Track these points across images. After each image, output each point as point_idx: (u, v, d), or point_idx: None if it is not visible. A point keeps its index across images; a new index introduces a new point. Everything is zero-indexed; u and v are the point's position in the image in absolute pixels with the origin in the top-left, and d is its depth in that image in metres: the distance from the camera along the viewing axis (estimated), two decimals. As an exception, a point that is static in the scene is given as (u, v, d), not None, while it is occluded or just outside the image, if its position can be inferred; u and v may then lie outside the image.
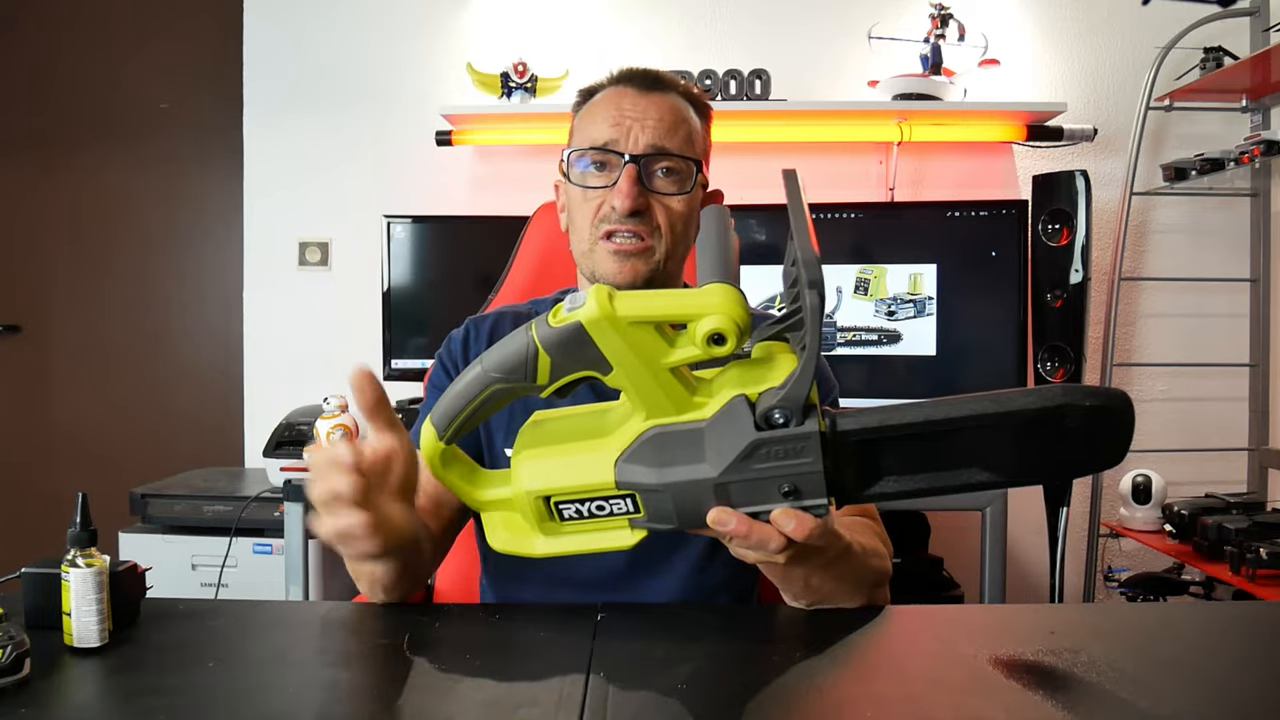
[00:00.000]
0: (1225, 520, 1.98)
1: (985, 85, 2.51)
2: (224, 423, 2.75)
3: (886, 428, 0.67)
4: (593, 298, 0.64)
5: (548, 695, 0.68)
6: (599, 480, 0.68)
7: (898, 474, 0.69)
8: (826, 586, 0.84)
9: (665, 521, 0.69)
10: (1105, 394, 0.66)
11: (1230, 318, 2.55)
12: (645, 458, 0.67)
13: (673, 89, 1.07)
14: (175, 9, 2.83)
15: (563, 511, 0.70)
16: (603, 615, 0.84)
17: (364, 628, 0.85)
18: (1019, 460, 0.67)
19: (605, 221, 1.02)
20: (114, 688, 0.71)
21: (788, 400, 0.65)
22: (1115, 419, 0.66)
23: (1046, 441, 0.66)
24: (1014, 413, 0.65)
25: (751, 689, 0.70)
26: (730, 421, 0.66)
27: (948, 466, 0.68)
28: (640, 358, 0.65)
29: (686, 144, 1.04)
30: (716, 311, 0.64)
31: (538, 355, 0.66)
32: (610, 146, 1.02)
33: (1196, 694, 0.69)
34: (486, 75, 2.45)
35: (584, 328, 0.64)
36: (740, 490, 0.67)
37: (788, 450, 0.66)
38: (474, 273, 2.35)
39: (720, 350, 0.64)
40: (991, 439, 0.67)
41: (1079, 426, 0.65)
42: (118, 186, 2.86)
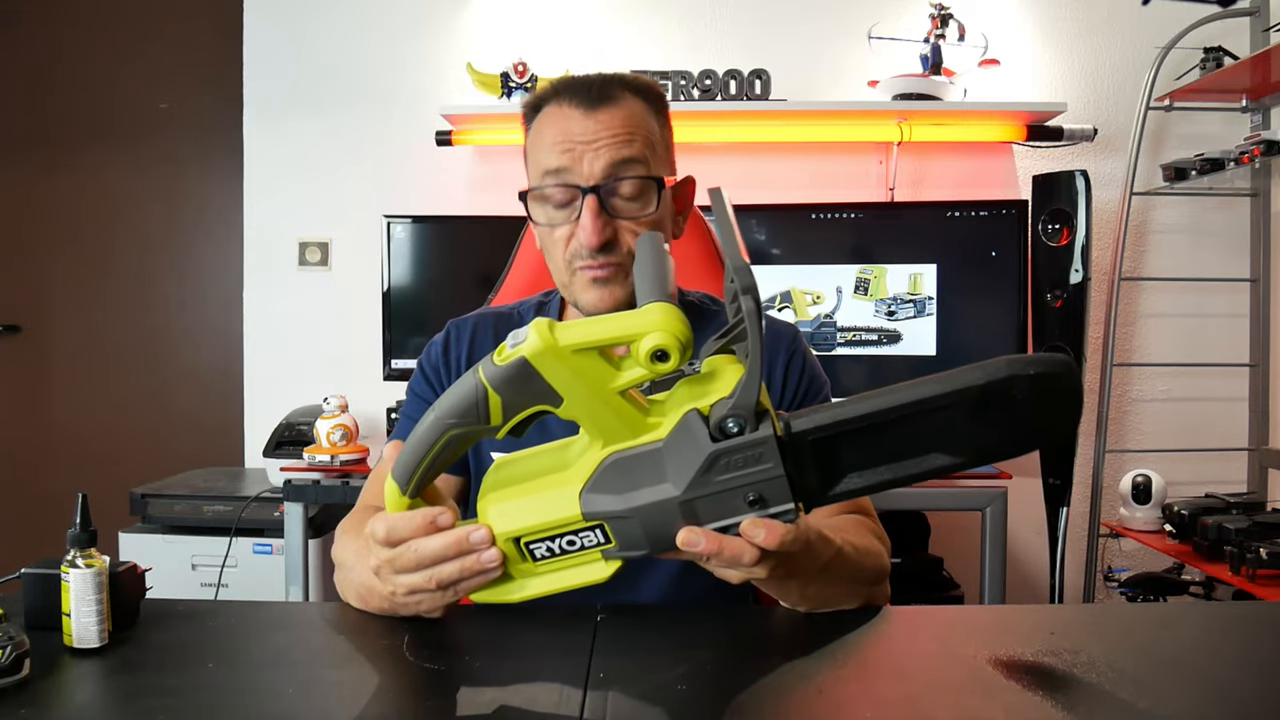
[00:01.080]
0: (1225, 520, 1.98)
1: (985, 85, 2.51)
2: (224, 423, 2.75)
3: (840, 422, 0.67)
4: (533, 331, 0.65)
5: (548, 695, 0.68)
6: (566, 515, 0.68)
7: (860, 469, 0.69)
8: (824, 592, 0.83)
9: (637, 548, 0.69)
10: (1048, 360, 0.66)
11: (1230, 318, 2.55)
12: (608, 485, 0.67)
13: (622, 93, 1.00)
14: (175, 9, 2.83)
15: (534, 551, 0.69)
16: (602, 616, 0.84)
17: (364, 628, 0.85)
18: (976, 439, 0.67)
19: (577, 257, 0.99)
20: (114, 688, 0.71)
21: (739, 407, 0.65)
22: (1062, 383, 0.66)
23: (998, 415, 0.66)
24: (962, 390, 0.66)
25: (751, 689, 0.70)
26: (686, 437, 0.66)
27: (908, 455, 0.68)
28: (588, 385, 0.65)
29: (647, 155, 0.99)
30: (656, 329, 0.64)
31: (487, 396, 0.66)
32: (565, 179, 0.98)
33: (1196, 694, 0.69)
34: (486, 75, 2.45)
35: (528, 362, 0.64)
36: (706, 506, 0.67)
37: (746, 458, 0.65)
38: (474, 273, 2.35)
39: (664, 367, 0.64)
40: (946, 421, 0.67)
41: (1027, 396, 0.65)
42: (118, 187, 2.86)
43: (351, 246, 2.65)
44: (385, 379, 2.40)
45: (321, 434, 2.04)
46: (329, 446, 2.03)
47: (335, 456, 2.01)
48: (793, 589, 0.82)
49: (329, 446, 2.03)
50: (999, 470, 1.95)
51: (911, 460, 0.68)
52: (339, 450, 2.02)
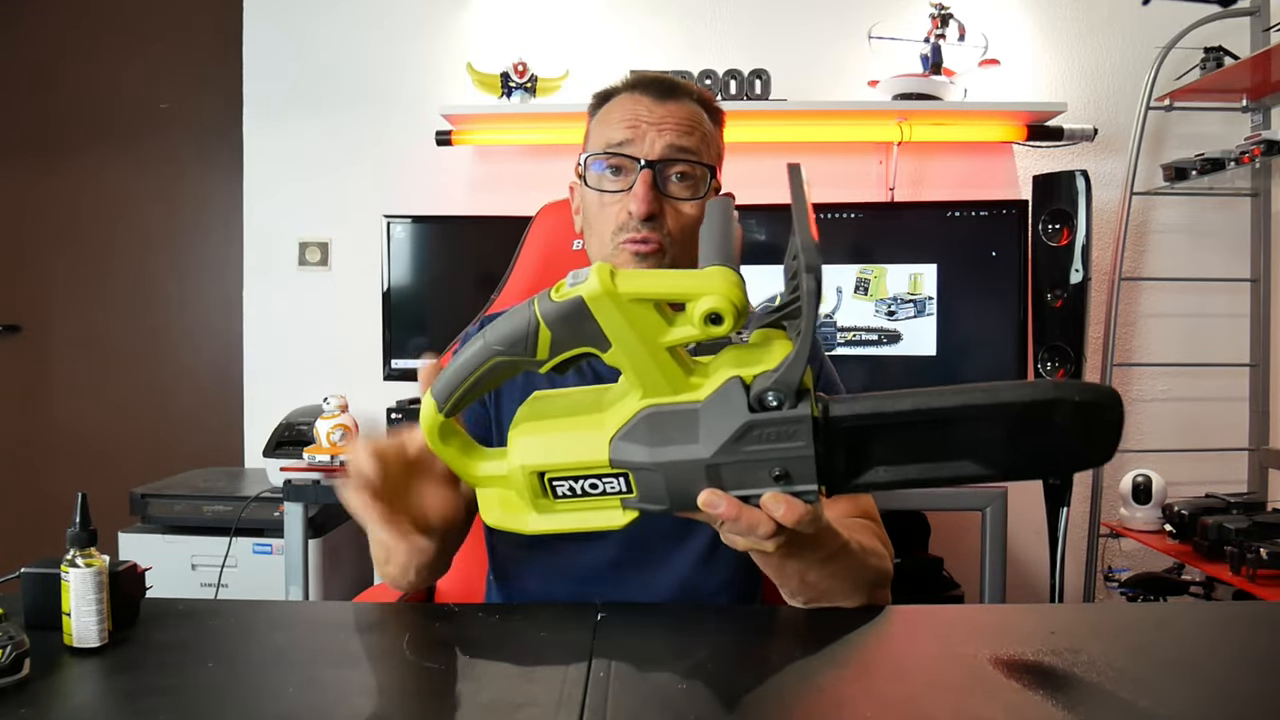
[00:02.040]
0: (1225, 520, 1.98)
1: (985, 85, 2.51)
2: (224, 423, 2.75)
3: (879, 415, 0.67)
4: (594, 273, 0.65)
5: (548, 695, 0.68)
6: (593, 458, 0.68)
7: (888, 463, 0.69)
8: (824, 583, 0.84)
9: (657, 502, 0.69)
10: (1096, 390, 0.67)
11: (1230, 318, 2.55)
12: (640, 436, 0.68)
13: (688, 96, 1.08)
14: (175, 9, 2.83)
15: (556, 488, 0.70)
16: (602, 615, 0.84)
17: (364, 628, 0.85)
18: (1009, 454, 0.68)
19: (624, 230, 1.03)
20: (114, 688, 0.71)
21: (781, 383, 0.65)
22: (1105, 415, 0.67)
23: (1036, 435, 0.67)
24: (1006, 404, 0.66)
25: (751, 689, 0.70)
26: (725, 402, 0.66)
27: (938, 458, 0.68)
28: (639, 335, 0.66)
29: (701, 149, 1.05)
30: (714, 291, 0.65)
31: (539, 329, 0.66)
32: (626, 150, 1.03)
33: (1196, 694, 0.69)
34: (486, 75, 2.45)
35: (585, 302, 0.65)
36: (732, 472, 0.67)
37: (780, 433, 0.66)
38: (474, 273, 2.36)
39: (717, 330, 0.65)
40: (982, 430, 0.67)
41: (1069, 422, 0.66)
42: (118, 187, 2.86)
43: (351, 246, 2.65)
44: (385, 379, 2.40)
45: (321, 434, 2.03)
46: (329, 446, 2.02)
47: (335, 456, 2.01)
48: (793, 574, 0.82)
49: (329, 446, 2.02)
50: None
51: (940, 463, 0.68)
52: (339, 450, 2.02)
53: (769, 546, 0.72)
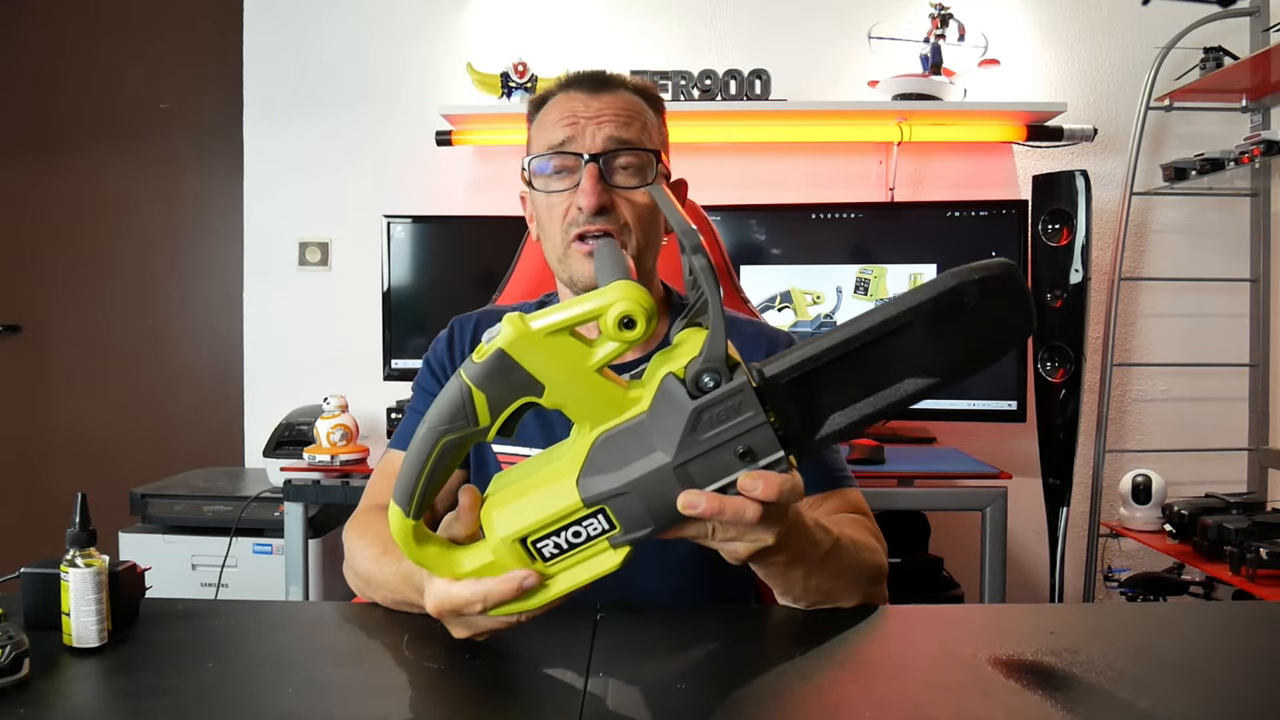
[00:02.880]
0: (1225, 520, 1.98)
1: (985, 85, 2.51)
2: (224, 423, 2.76)
3: (808, 359, 0.68)
4: (506, 322, 0.66)
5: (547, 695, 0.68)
6: (567, 504, 0.68)
7: (840, 407, 0.70)
8: (825, 584, 0.84)
9: (641, 527, 0.68)
10: (989, 264, 0.68)
11: (1230, 318, 2.55)
12: (601, 465, 0.68)
13: (622, 86, 1.07)
14: (175, 10, 2.83)
15: (542, 550, 0.69)
16: (602, 615, 0.84)
17: (364, 628, 0.85)
18: (941, 355, 0.69)
19: (574, 225, 1.02)
20: (113, 688, 0.71)
21: (709, 360, 0.66)
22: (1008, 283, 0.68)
23: (957, 327, 0.68)
24: (916, 306, 0.67)
25: (751, 689, 0.70)
26: (667, 401, 0.67)
27: (882, 385, 0.69)
28: (566, 367, 0.66)
29: (642, 136, 1.05)
30: (620, 299, 0.66)
31: (472, 395, 0.67)
32: (568, 148, 1.03)
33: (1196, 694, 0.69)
34: (486, 75, 2.45)
35: (505, 353, 0.66)
36: (699, 467, 0.67)
37: (727, 409, 0.66)
38: (474, 273, 2.36)
39: (632, 334, 0.66)
40: (908, 342, 0.68)
41: (978, 301, 0.67)
42: (118, 187, 2.86)
43: (351, 246, 2.65)
44: (385, 379, 2.40)
45: (321, 434, 2.04)
46: (329, 446, 2.03)
47: (335, 456, 2.01)
48: (796, 580, 0.82)
49: (329, 446, 2.03)
50: (999, 470, 1.95)
51: (886, 390, 0.69)
52: (339, 450, 2.02)
53: (768, 538, 0.71)
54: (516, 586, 0.69)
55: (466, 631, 0.73)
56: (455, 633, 0.74)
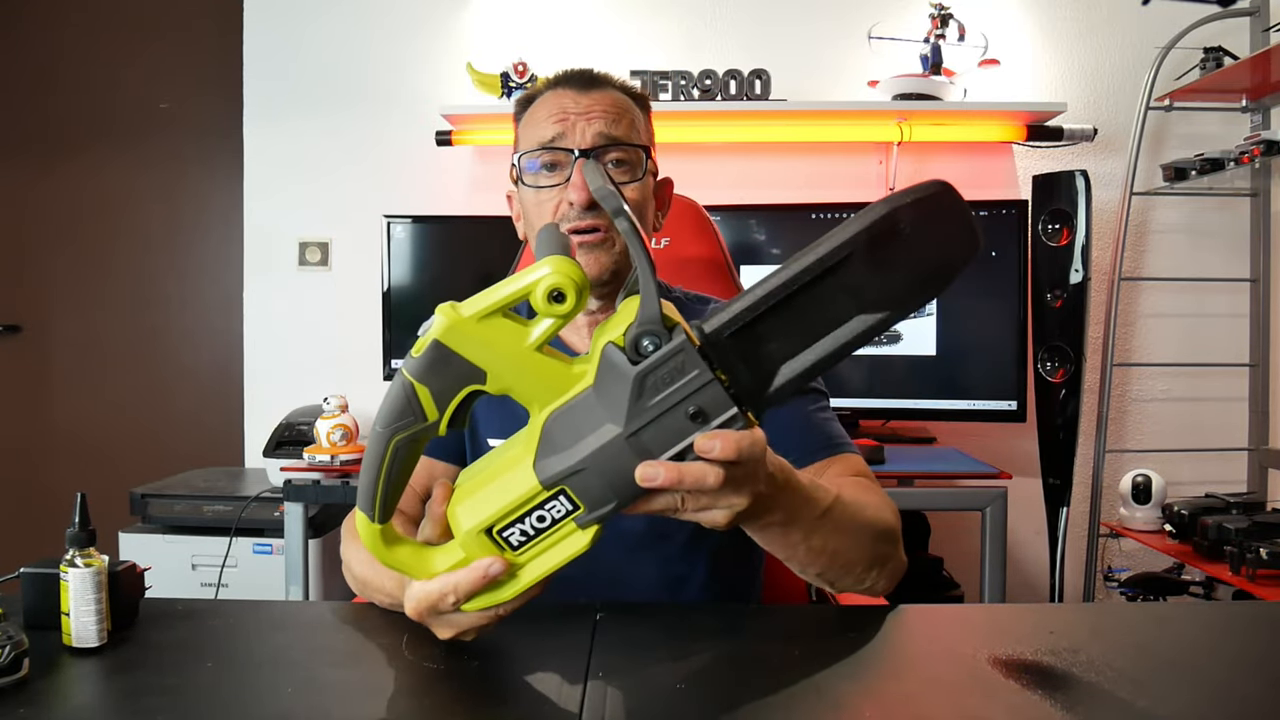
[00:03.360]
0: (1225, 520, 1.98)
1: (985, 85, 2.51)
2: (224, 423, 2.75)
3: (747, 309, 0.66)
4: (438, 313, 0.66)
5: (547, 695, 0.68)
6: (525, 489, 0.67)
7: (789, 355, 0.68)
8: (830, 543, 0.81)
9: (604, 503, 0.67)
10: (923, 186, 0.66)
11: (1230, 318, 2.55)
12: (555, 444, 0.67)
13: (610, 85, 1.08)
14: (175, 9, 2.83)
15: (509, 539, 0.68)
16: (601, 615, 0.84)
17: (364, 628, 0.85)
18: (886, 286, 0.66)
19: (564, 220, 1.02)
20: (113, 688, 0.71)
21: (644, 323, 0.65)
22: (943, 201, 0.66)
23: (898, 255, 0.66)
24: (851, 238, 0.65)
25: (751, 689, 0.70)
26: (610, 371, 0.66)
27: (829, 326, 0.67)
28: (504, 350, 0.66)
29: (632, 132, 1.05)
30: (551, 272, 0.65)
31: (414, 390, 0.66)
32: (558, 143, 1.03)
33: (1196, 694, 0.69)
34: (486, 75, 2.45)
35: (441, 343, 0.65)
36: (653, 435, 0.66)
37: (671, 371, 0.65)
38: (474, 273, 2.36)
39: (562, 307, 0.65)
40: (850, 278, 0.66)
41: (915, 225, 0.65)
42: (118, 186, 2.86)
43: (351, 246, 2.65)
44: (385, 379, 2.40)
45: (321, 434, 2.04)
46: (329, 446, 2.03)
47: (335, 456, 2.01)
48: (797, 541, 0.79)
49: (329, 446, 2.03)
50: (999, 470, 1.95)
51: (836, 331, 0.67)
52: (339, 450, 2.02)
53: (740, 502, 0.69)
54: (483, 574, 0.68)
55: (450, 631, 0.73)
56: (440, 633, 0.74)
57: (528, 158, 1.05)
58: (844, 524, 0.82)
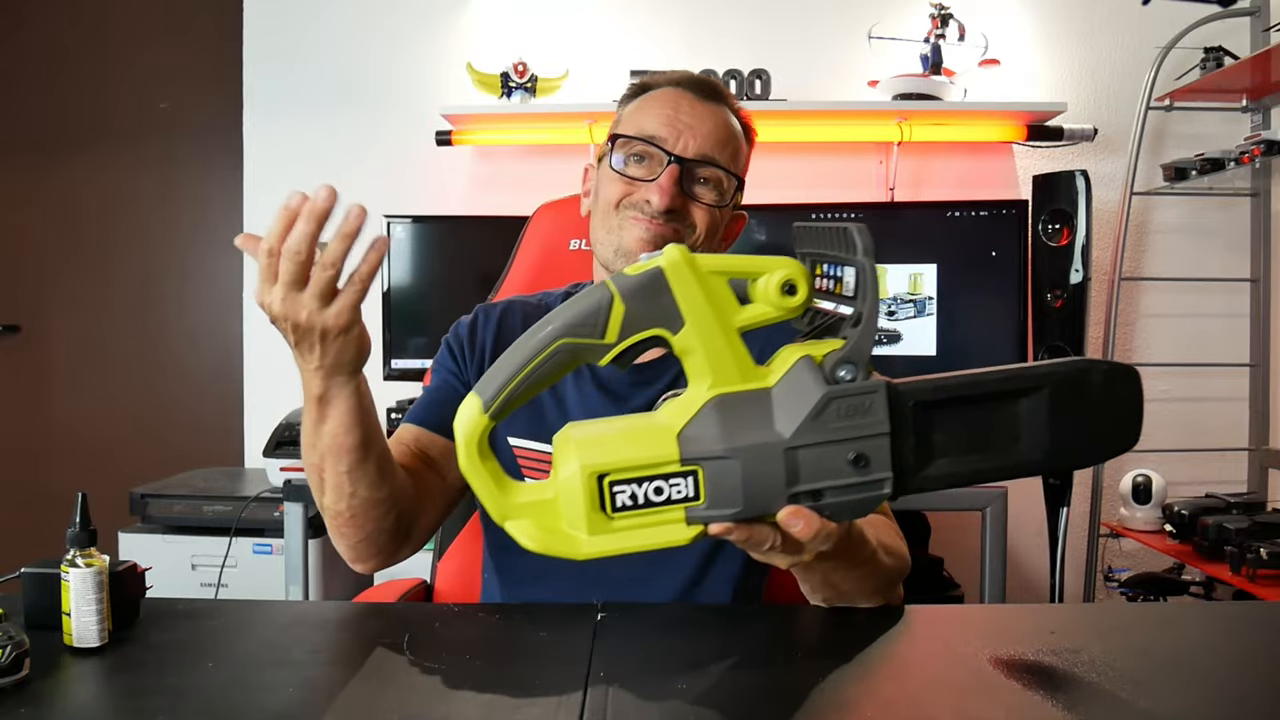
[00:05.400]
0: (1225, 520, 1.98)
1: (985, 85, 2.51)
2: (224, 423, 2.75)
3: (938, 388, 0.68)
4: (672, 247, 0.65)
5: (548, 695, 0.68)
6: (661, 453, 0.64)
7: (951, 454, 0.69)
8: (847, 585, 0.84)
9: (728, 504, 0.65)
10: (1120, 364, 0.73)
11: (1230, 318, 2.54)
12: (710, 425, 0.65)
13: (729, 105, 1.08)
14: (175, 9, 2.83)
15: (616, 496, 0.64)
16: (603, 615, 0.84)
17: (364, 628, 0.85)
18: (1057, 432, 0.70)
19: (635, 209, 1.01)
20: (114, 688, 0.71)
21: (854, 353, 0.65)
22: (1132, 382, 0.72)
23: (1076, 409, 0.70)
24: (1049, 374, 0.69)
25: (751, 689, 0.70)
26: (799, 381, 0.65)
27: (994, 444, 0.70)
28: (714, 311, 0.65)
29: (733, 160, 1.05)
30: (787, 265, 0.66)
31: (613, 303, 0.64)
32: (658, 142, 1.02)
33: (1196, 694, 0.69)
34: (486, 75, 2.45)
35: (663, 273, 0.65)
36: (809, 458, 0.65)
37: (856, 406, 0.65)
38: (474, 273, 2.35)
39: (793, 300, 0.66)
40: (1030, 409, 0.70)
41: (1104, 388, 0.71)
42: (118, 187, 2.86)
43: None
44: (385, 379, 2.40)
45: (321, 434, 2.03)
46: (329, 446, 2.02)
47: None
48: (817, 574, 0.82)
49: (329, 446, 2.02)
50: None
51: (997, 451, 0.70)
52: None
53: (807, 557, 0.72)
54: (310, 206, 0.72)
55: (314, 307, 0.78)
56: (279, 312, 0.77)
57: (624, 141, 1.04)
58: (869, 575, 0.85)
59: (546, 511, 0.67)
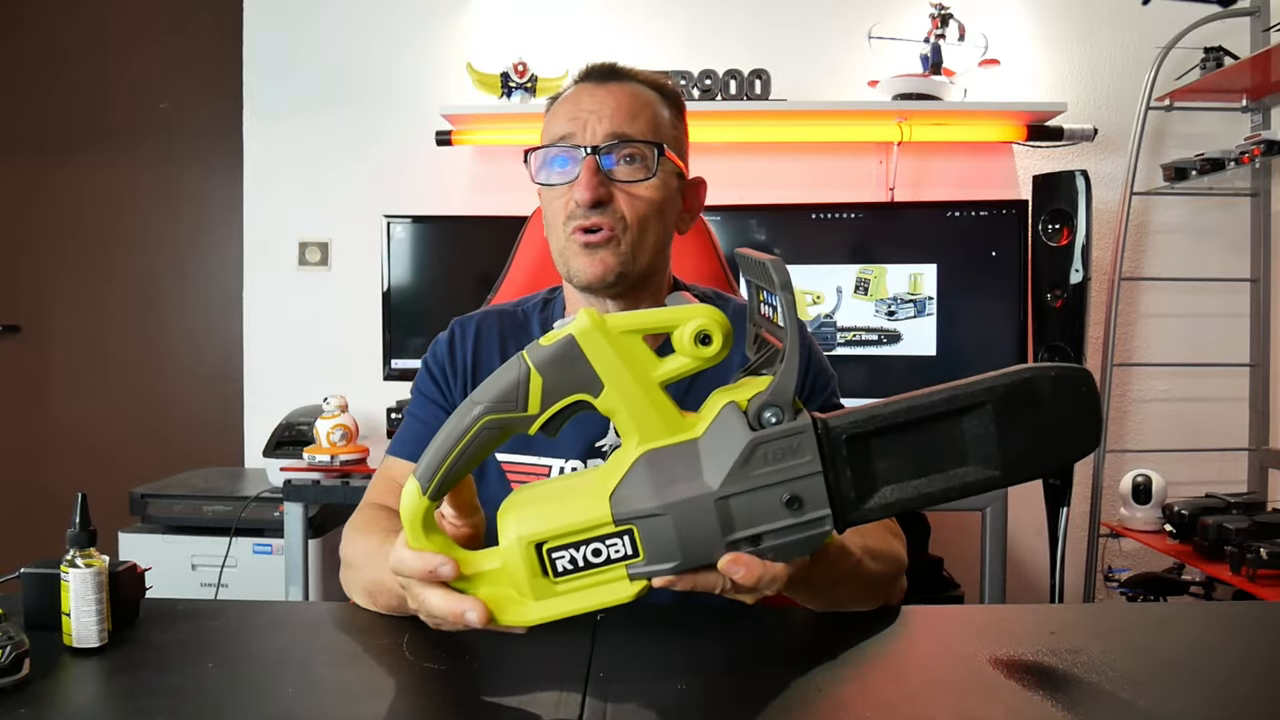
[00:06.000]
0: (1225, 520, 1.98)
1: (985, 85, 2.51)
2: (224, 423, 2.75)
3: (871, 418, 0.67)
4: (582, 313, 0.66)
5: (547, 697, 0.68)
6: (594, 516, 0.65)
7: (894, 480, 0.68)
8: (835, 597, 0.85)
9: (666, 559, 0.66)
10: (1067, 367, 0.69)
11: (1230, 318, 2.54)
12: (641, 482, 0.66)
13: (632, 78, 1.06)
14: (175, 9, 2.83)
15: (556, 562, 0.66)
16: (602, 617, 0.84)
17: (364, 628, 0.85)
18: (1006, 446, 0.68)
19: (573, 218, 1.00)
20: (114, 688, 0.71)
21: (777, 395, 0.65)
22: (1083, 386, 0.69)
23: (1027, 421, 0.68)
24: (988, 388, 0.67)
25: (751, 689, 0.70)
26: (724, 429, 0.65)
27: (941, 465, 0.68)
28: (631, 371, 0.65)
29: (648, 128, 1.02)
30: (700, 314, 0.66)
31: (529, 377, 0.65)
32: (567, 140, 1.01)
33: (1196, 694, 0.69)
34: (486, 75, 2.45)
35: (575, 341, 0.65)
36: (741, 506, 0.65)
37: (784, 448, 0.65)
38: (474, 273, 2.35)
39: (707, 351, 0.65)
40: (974, 426, 0.67)
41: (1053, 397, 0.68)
42: (118, 187, 2.86)
43: (351, 246, 2.65)
44: (385, 379, 2.40)
45: (321, 434, 2.03)
46: (329, 446, 2.02)
47: (335, 456, 2.01)
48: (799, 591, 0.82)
49: (329, 446, 2.02)
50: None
51: (945, 473, 0.68)
52: (339, 450, 2.02)
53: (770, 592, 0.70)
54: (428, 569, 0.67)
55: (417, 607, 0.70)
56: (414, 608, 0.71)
57: (538, 154, 1.03)
58: (856, 585, 0.84)
59: (495, 580, 0.68)
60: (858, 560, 0.83)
